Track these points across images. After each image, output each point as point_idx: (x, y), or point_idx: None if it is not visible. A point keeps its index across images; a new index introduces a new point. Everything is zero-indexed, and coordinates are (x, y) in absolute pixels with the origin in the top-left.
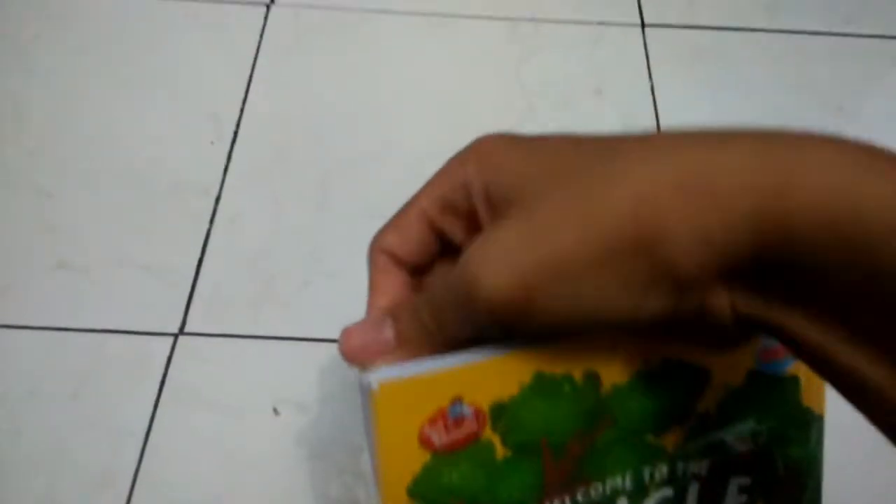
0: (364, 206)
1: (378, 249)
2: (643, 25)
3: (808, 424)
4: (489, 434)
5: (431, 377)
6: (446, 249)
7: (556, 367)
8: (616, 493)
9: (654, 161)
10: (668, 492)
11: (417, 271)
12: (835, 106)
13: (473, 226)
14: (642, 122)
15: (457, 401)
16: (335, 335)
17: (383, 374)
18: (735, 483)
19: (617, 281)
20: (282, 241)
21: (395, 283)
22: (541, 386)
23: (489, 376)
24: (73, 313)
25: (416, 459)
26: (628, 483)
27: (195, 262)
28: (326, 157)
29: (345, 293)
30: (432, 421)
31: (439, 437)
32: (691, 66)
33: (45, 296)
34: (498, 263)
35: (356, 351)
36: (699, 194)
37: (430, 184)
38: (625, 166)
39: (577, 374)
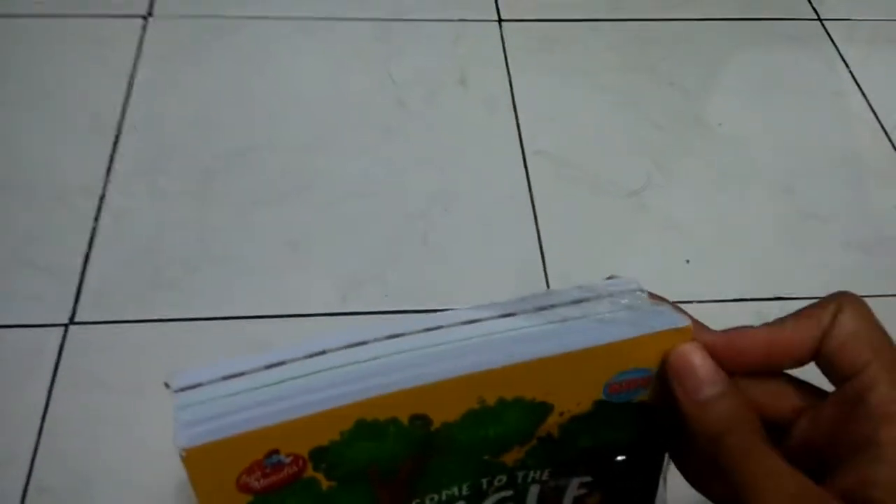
0: (245, 194)
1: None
2: (500, 20)
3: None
4: (311, 472)
5: (242, 437)
6: None
7: (379, 415)
8: (453, 499)
9: None
10: (507, 493)
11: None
12: (667, 83)
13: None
14: (502, 106)
15: (272, 453)
16: (224, 313)
17: (191, 441)
18: (576, 480)
19: None
20: (168, 232)
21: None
22: (364, 430)
23: (304, 430)
24: None
25: (238, 502)
26: (465, 490)
27: (82, 258)
28: (208, 153)
29: (231, 275)
30: (249, 471)
31: (258, 482)
32: (544, 55)
33: None
34: None
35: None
36: None
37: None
38: None
39: (403, 418)
